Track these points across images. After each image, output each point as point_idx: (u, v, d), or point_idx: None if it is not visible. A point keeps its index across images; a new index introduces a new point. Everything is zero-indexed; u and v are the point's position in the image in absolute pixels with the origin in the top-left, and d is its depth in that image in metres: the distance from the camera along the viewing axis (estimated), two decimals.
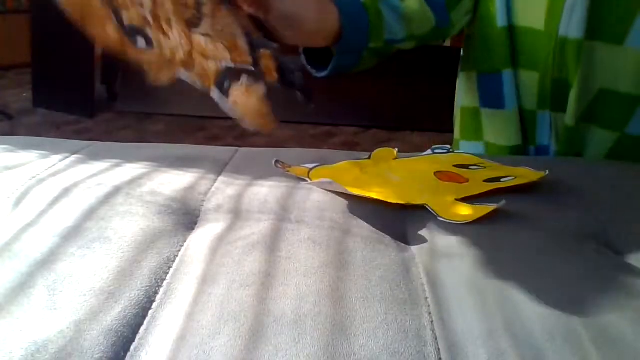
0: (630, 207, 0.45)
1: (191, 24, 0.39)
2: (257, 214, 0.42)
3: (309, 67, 0.59)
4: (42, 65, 2.45)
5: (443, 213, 0.41)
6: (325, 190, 0.45)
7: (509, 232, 0.38)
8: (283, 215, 0.42)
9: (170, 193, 0.45)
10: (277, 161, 0.51)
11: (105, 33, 0.36)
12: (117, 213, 0.41)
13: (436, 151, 0.58)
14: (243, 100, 0.39)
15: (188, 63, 0.38)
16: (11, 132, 2.18)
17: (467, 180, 0.47)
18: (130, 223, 0.40)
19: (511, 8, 0.64)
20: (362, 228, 0.40)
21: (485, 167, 0.51)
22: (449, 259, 0.36)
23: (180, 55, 0.38)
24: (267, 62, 0.41)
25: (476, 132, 0.73)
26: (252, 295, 0.31)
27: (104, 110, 2.47)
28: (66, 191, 0.44)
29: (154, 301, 0.31)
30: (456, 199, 0.43)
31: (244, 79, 0.39)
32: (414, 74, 2.34)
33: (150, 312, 0.30)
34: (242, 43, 0.40)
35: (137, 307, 0.30)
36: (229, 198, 0.45)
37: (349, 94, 2.36)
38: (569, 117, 0.62)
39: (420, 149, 0.72)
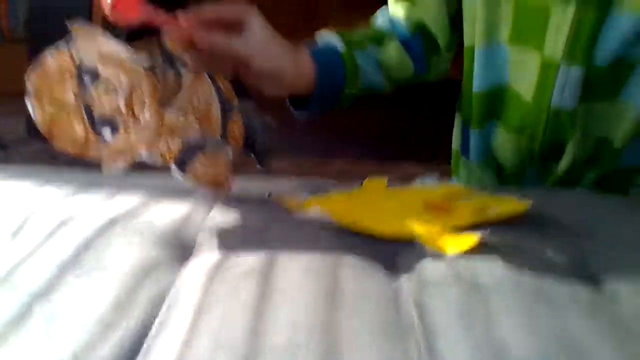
0: (614, 239, 0.47)
1: (166, 102, 0.42)
2: (251, 244, 0.43)
3: (290, 108, 0.63)
4: None
5: (430, 244, 0.42)
6: (317, 220, 0.46)
7: (494, 263, 0.39)
8: (276, 245, 0.43)
9: (166, 223, 0.46)
10: (269, 194, 0.53)
11: (74, 134, 0.39)
12: (114, 243, 0.42)
13: (425, 181, 0.60)
14: (202, 171, 0.43)
15: (153, 143, 0.41)
16: (6, 162, 2.18)
17: (455, 211, 0.48)
18: (126, 253, 0.40)
19: (499, 68, 0.63)
20: (353, 258, 0.41)
21: (473, 199, 0.53)
22: (437, 289, 0.37)
23: (146, 135, 0.41)
24: (235, 127, 0.45)
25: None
26: (246, 324, 0.31)
27: None
28: (63, 222, 0.45)
29: (150, 330, 0.32)
30: (443, 230, 0.44)
31: (209, 148, 0.43)
32: (408, 104, 2.39)
33: (147, 341, 0.31)
34: (214, 112, 0.44)
35: (133, 337, 0.31)
36: (223, 228, 0.46)
37: (343, 125, 2.39)
38: (562, 166, 0.62)
39: (414, 179, 0.73)
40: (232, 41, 0.47)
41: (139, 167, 0.42)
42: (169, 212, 0.48)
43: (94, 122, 0.39)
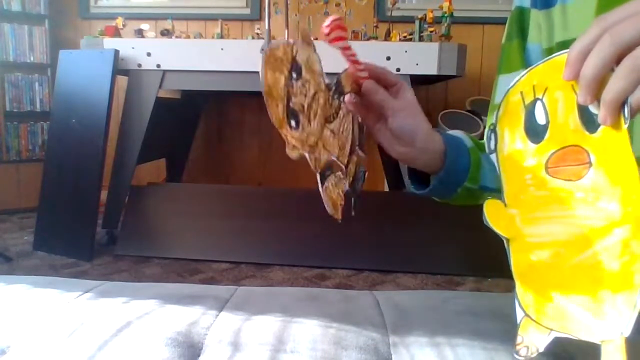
0: None
1: (327, 120, 0.51)
2: (255, 345, 0.47)
3: (409, 182, 0.65)
4: (48, 209, 2.56)
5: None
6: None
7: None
8: (279, 346, 0.46)
9: (177, 327, 0.50)
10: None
11: (277, 110, 0.46)
12: (129, 344, 0.45)
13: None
14: (331, 189, 0.50)
15: (312, 149, 0.49)
16: (8, 274, 2.20)
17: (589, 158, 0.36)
18: (140, 354, 0.44)
19: None
20: (350, 358, 0.44)
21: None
22: None
23: (311, 141, 0.49)
24: (352, 166, 0.53)
25: None
26: None
27: (102, 253, 2.52)
28: (82, 325, 0.49)
29: None
30: None
31: (339, 173, 0.51)
32: (404, 217, 2.46)
33: None
34: (347, 147, 0.53)
35: None
36: (230, 331, 0.50)
37: (341, 237, 2.44)
38: None
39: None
40: (389, 97, 0.55)
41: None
42: (180, 316, 0.52)
43: (289, 110, 0.47)
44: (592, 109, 0.35)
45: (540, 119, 0.39)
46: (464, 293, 0.55)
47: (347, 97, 0.53)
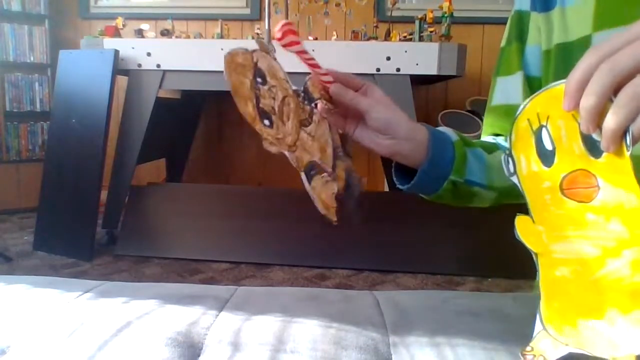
0: None
1: (302, 123, 0.52)
2: (255, 345, 0.47)
3: (395, 179, 0.63)
4: (48, 209, 2.56)
5: None
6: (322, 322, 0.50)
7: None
8: (279, 346, 0.46)
9: (176, 327, 0.50)
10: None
11: (247, 108, 0.50)
12: (129, 344, 0.45)
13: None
14: (319, 189, 0.52)
15: (291, 148, 0.51)
16: (8, 274, 2.20)
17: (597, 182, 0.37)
18: (140, 354, 0.44)
19: None
20: (350, 358, 0.44)
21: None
22: None
23: (289, 141, 0.51)
24: (340, 172, 0.53)
25: None
26: None
27: (102, 253, 2.52)
28: (82, 325, 0.49)
29: None
30: None
31: (325, 175, 0.52)
32: (404, 217, 2.45)
33: None
34: (329, 150, 0.53)
35: None
36: (230, 331, 0.50)
37: (341, 237, 2.44)
38: None
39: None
40: (358, 96, 0.55)
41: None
42: (179, 316, 0.52)
43: (259, 110, 0.50)
44: (596, 136, 0.36)
45: (547, 144, 0.40)
46: (464, 293, 0.55)
47: (319, 106, 0.53)
